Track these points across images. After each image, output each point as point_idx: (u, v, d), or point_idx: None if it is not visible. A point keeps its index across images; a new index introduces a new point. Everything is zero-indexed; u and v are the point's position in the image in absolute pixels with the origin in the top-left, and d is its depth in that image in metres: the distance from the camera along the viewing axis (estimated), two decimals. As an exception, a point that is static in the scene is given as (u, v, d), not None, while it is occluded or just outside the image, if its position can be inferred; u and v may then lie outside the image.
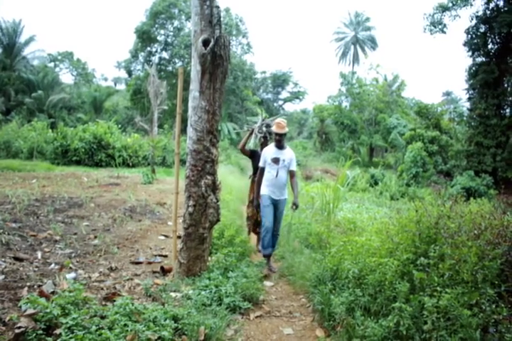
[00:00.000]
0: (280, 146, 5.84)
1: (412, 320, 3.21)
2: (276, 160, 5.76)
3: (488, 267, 3.30)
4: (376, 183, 21.86)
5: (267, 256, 5.84)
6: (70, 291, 3.48)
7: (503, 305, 3.01)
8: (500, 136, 22.83)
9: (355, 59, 55.72)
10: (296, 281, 5.20)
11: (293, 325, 4.07)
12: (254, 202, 6.38)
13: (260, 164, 5.94)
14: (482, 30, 24.09)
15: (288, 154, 5.86)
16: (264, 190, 5.82)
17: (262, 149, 6.34)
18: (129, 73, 40.62)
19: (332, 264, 4.44)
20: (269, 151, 5.85)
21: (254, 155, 6.79)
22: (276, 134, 5.77)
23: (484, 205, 6.39)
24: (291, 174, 5.89)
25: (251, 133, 6.96)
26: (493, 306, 3.03)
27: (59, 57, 57.80)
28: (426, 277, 3.49)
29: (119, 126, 26.01)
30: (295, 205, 5.76)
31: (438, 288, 3.26)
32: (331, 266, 4.44)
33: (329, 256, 4.59)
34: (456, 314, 3.02)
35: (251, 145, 7.03)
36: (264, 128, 6.82)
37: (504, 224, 4.02)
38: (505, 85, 24.00)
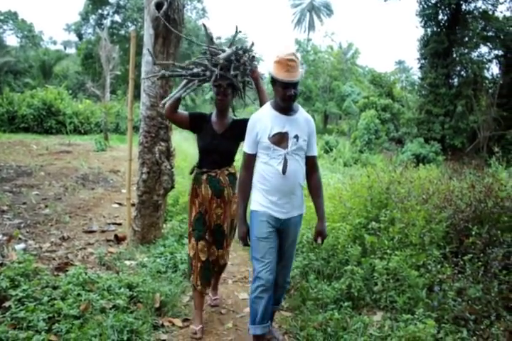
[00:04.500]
0: (288, 108, 2.74)
1: (363, 282, 3.35)
2: (281, 138, 2.68)
3: (435, 230, 3.47)
4: (330, 150, 22.15)
5: (259, 338, 2.79)
6: (19, 262, 3.38)
7: (447, 266, 3.18)
8: (449, 105, 23.49)
9: (311, 26, 55.23)
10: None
11: (248, 290, 4.14)
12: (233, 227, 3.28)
13: (246, 148, 2.79)
14: (433, 0, 24.32)
15: (303, 122, 2.77)
16: (259, 201, 2.76)
17: (218, 112, 3.16)
18: (80, 37, 38.69)
19: (287, 230, 4.51)
20: (265, 120, 2.73)
21: (198, 124, 3.19)
22: (286, 84, 2.64)
23: (432, 171, 6.65)
24: (311, 163, 2.84)
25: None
26: (439, 266, 3.20)
27: (1, 18, 54.07)
28: (377, 240, 3.63)
29: (70, 91, 24.97)
30: (321, 235, 2.85)
31: (388, 251, 3.41)
32: (286, 232, 4.51)
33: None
34: (405, 275, 3.17)
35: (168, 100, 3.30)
36: (243, 66, 3.18)
37: (450, 189, 4.21)
38: (454, 55, 24.49)
